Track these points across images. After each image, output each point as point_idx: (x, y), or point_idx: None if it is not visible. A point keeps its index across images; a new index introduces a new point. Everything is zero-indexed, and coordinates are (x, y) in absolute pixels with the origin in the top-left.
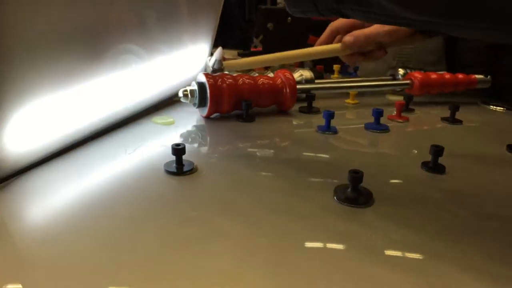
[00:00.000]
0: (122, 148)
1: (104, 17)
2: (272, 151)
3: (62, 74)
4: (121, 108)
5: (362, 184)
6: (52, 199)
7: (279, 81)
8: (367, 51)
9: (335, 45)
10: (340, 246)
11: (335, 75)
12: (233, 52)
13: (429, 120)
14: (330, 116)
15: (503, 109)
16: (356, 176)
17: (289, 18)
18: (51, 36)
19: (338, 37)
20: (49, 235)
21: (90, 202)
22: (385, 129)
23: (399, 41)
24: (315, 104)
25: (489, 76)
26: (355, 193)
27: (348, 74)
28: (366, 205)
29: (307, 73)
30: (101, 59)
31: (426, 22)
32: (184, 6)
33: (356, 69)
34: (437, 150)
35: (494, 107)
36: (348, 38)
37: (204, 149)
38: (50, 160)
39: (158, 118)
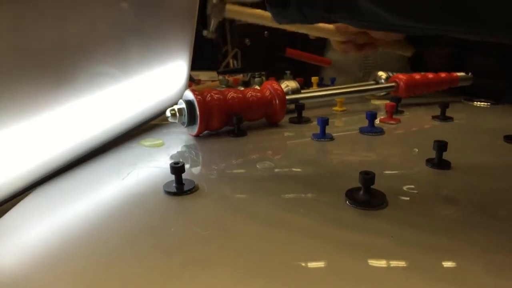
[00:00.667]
0: (112, 173)
1: (77, 38)
2: (272, 163)
3: (31, 101)
4: (102, 131)
5: (372, 186)
6: (35, 234)
7: (267, 93)
8: (361, 44)
9: (330, 26)
10: (362, 254)
11: (314, 87)
12: (210, 74)
13: (420, 120)
14: (324, 122)
15: (488, 104)
16: (367, 177)
17: (266, 32)
18: (17, 60)
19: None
20: (37, 271)
21: (82, 233)
22: (380, 132)
23: (392, 45)
24: (303, 114)
25: (470, 73)
26: (368, 195)
27: (326, 86)
28: (380, 207)
29: (292, 84)
30: (75, 82)
31: (420, 28)
32: (157, 23)
33: (333, 80)
34: (441, 146)
35: (478, 103)
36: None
37: (201, 168)
38: (32, 190)
39: (146, 141)
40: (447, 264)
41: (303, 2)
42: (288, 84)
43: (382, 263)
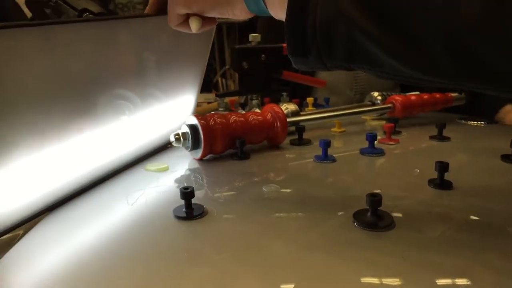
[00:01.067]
0: (121, 199)
1: (99, 67)
2: (278, 186)
3: (49, 129)
4: (113, 159)
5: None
6: (48, 261)
7: (269, 116)
8: None
9: None
10: (375, 274)
11: (310, 108)
12: (205, 96)
13: (418, 140)
14: (326, 144)
15: (483, 124)
16: (375, 199)
17: (263, 55)
18: (39, 90)
19: None
20: None
21: (94, 260)
22: (380, 153)
23: None
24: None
25: (463, 93)
26: (375, 217)
27: (321, 106)
28: (388, 228)
29: (292, 106)
30: (94, 110)
31: (435, 81)
32: (173, 62)
33: (327, 100)
34: (443, 166)
35: (473, 122)
36: None
37: (208, 191)
38: (43, 216)
39: (151, 165)
40: (461, 283)
41: (324, 53)
42: (288, 107)
43: (396, 283)
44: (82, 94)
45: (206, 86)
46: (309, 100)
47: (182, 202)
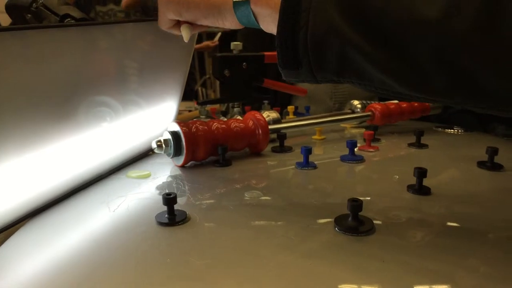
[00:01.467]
0: (103, 205)
1: (81, 73)
2: (260, 192)
3: (29, 135)
4: (94, 166)
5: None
6: (29, 268)
7: (251, 123)
8: None
9: None
10: (357, 277)
11: (291, 116)
12: (185, 104)
13: (396, 147)
14: (308, 151)
15: (459, 131)
16: (356, 204)
17: (244, 63)
18: (18, 96)
19: None
20: None
21: (76, 266)
22: (360, 159)
23: None
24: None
25: None
26: (356, 222)
27: (302, 115)
28: (368, 233)
29: (273, 114)
30: (76, 118)
31: (424, 98)
32: (156, 69)
33: (307, 108)
34: (421, 172)
35: (450, 130)
36: None
37: (190, 198)
38: (23, 223)
39: (133, 172)
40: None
41: (315, 66)
42: (269, 114)
43: (376, 286)
44: (63, 100)
45: (187, 95)
46: (290, 108)
47: (165, 208)
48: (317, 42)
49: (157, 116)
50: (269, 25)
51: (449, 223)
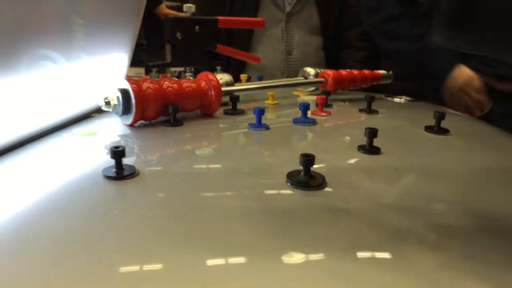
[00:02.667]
0: (44, 160)
1: (22, 17)
2: (212, 150)
3: None
4: (35, 120)
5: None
6: None
7: (203, 84)
8: None
9: None
10: (303, 231)
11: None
12: (135, 70)
13: (348, 112)
14: (261, 112)
15: (406, 100)
16: (308, 159)
17: (197, 27)
18: None
19: None
20: None
21: (18, 223)
22: (313, 122)
23: None
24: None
25: (390, 71)
26: (308, 177)
27: None
28: (319, 187)
29: (226, 77)
30: (16, 65)
31: None
32: (104, 10)
33: (260, 78)
34: (372, 132)
35: (399, 99)
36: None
37: (139, 155)
38: None
39: (78, 130)
40: (389, 240)
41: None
42: (222, 77)
43: (327, 235)
44: (3, 49)
45: (136, 61)
46: (243, 76)
47: (112, 163)
48: None
49: (106, 72)
50: None
51: (398, 179)
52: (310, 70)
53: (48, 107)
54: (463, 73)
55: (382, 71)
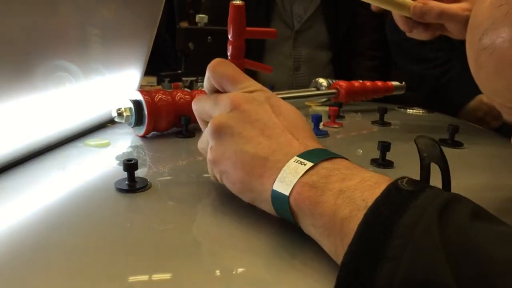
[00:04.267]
0: (57, 172)
1: (40, 29)
2: None
3: None
4: (51, 131)
5: None
6: None
7: None
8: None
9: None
10: None
11: None
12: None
13: (360, 124)
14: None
15: (422, 112)
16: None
17: (209, 37)
18: None
19: None
20: None
21: (31, 232)
22: (325, 134)
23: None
24: None
25: (403, 82)
26: None
27: None
28: None
29: None
30: (32, 76)
31: None
32: (119, 29)
33: (271, 88)
34: (385, 146)
35: (411, 110)
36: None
37: (152, 167)
38: None
39: (91, 140)
40: None
41: None
42: None
43: None
44: (20, 60)
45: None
46: None
47: (125, 176)
48: None
49: (119, 84)
50: (318, 236)
51: None
52: (323, 81)
53: (63, 117)
54: (483, 104)
55: (395, 82)
